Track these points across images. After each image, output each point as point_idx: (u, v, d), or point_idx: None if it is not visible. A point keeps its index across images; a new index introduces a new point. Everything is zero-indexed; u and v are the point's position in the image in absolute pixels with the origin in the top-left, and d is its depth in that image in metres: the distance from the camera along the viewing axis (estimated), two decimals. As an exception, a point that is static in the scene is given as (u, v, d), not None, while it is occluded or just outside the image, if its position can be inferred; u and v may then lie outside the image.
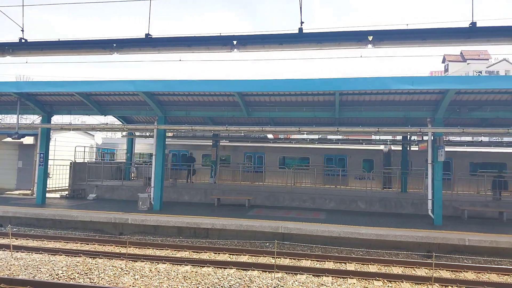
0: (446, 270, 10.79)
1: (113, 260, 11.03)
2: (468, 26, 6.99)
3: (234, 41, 7.06)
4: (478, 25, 6.96)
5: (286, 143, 29.27)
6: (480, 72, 68.09)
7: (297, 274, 10.08)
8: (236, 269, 10.42)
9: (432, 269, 10.15)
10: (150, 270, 10.10)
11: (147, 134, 24.83)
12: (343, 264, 11.27)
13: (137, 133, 25.62)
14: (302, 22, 6.96)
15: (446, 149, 16.84)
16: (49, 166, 19.93)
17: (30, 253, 11.53)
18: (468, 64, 73.66)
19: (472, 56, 75.15)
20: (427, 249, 12.71)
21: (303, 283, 9.37)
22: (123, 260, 10.86)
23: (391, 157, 27.21)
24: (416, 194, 21.08)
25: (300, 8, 6.91)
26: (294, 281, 9.44)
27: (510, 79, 16.06)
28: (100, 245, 12.92)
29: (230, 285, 9.03)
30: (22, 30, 8.81)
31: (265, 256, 11.86)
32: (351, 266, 11.01)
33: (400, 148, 24.86)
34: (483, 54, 75.24)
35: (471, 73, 68.04)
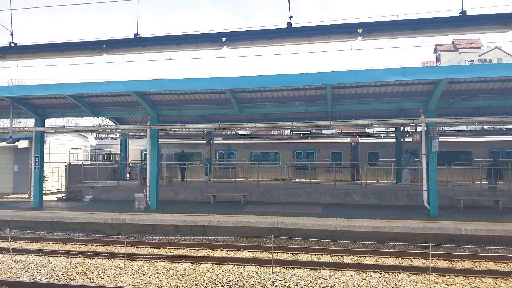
0: (443, 260, 10.85)
1: (112, 260, 11.07)
2: (458, 15, 7.01)
3: (223, 38, 7.04)
4: (468, 13, 6.98)
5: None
6: (473, 61, 68.10)
7: (294, 268, 10.13)
8: (234, 265, 10.46)
9: (429, 259, 10.24)
10: (149, 268, 10.13)
11: (141, 134, 24.78)
12: (340, 257, 11.32)
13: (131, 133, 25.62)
14: (291, 17, 6.95)
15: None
16: (44, 169, 19.89)
17: (30, 256, 11.57)
18: (460, 53, 73.46)
19: (464, 45, 75.11)
20: (424, 239, 12.76)
21: (300, 276, 9.41)
22: (122, 259, 10.89)
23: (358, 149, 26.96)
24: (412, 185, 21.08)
25: (289, 2, 6.90)
26: (292, 275, 9.48)
27: (502, 67, 16.07)
28: (99, 245, 12.93)
29: (228, 281, 9.07)
30: (12, 34, 8.77)
31: (262, 251, 11.89)
32: (348, 259, 11.05)
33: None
34: (475, 42, 75.00)
35: (464, 62, 67.86)
